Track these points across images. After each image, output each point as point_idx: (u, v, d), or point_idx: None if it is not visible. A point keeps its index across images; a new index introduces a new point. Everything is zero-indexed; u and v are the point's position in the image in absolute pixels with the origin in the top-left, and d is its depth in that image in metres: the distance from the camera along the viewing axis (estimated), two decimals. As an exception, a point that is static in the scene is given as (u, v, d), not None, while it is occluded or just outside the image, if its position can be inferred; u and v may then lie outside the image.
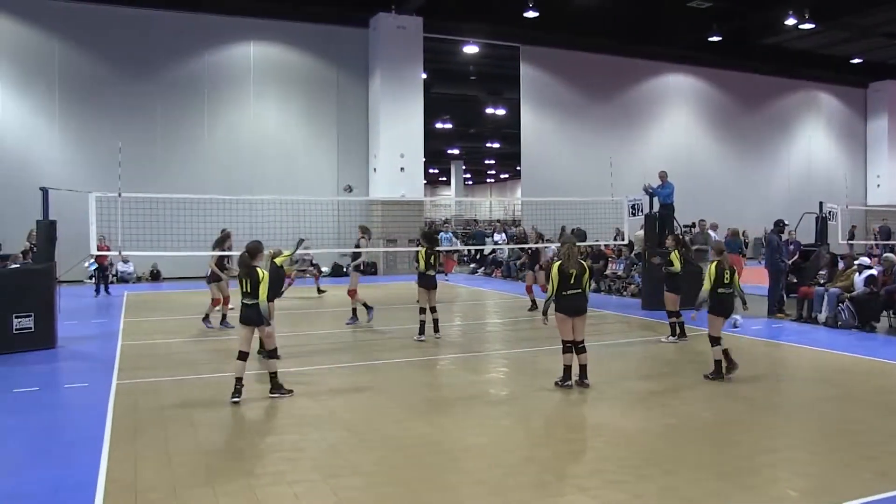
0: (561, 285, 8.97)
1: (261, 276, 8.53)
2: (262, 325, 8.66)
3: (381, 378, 9.88)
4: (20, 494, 5.69)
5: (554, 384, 9.22)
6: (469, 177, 75.65)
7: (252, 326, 8.61)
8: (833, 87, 38.15)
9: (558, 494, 5.62)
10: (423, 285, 12.76)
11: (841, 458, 6.48)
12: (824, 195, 25.08)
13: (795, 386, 9.82)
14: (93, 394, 8.85)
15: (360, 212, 25.30)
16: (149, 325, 14.77)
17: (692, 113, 34.97)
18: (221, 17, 25.53)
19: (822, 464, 6.39)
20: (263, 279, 8.52)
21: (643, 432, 7.24)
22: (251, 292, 8.53)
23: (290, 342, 12.32)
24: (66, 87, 23.93)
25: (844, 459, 6.43)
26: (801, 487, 5.82)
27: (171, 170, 24.57)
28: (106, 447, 6.79)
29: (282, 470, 6.17)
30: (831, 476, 6.07)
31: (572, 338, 9.07)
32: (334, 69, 27.28)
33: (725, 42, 29.62)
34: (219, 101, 25.93)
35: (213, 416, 7.90)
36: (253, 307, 8.53)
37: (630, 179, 26.78)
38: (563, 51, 31.08)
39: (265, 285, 8.54)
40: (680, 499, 5.50)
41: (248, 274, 8.56)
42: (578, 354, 9.13)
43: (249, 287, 8.54)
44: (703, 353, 11.67)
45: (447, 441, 7.03)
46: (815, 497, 5.61)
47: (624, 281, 20.49)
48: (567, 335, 9.06)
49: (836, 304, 13.79)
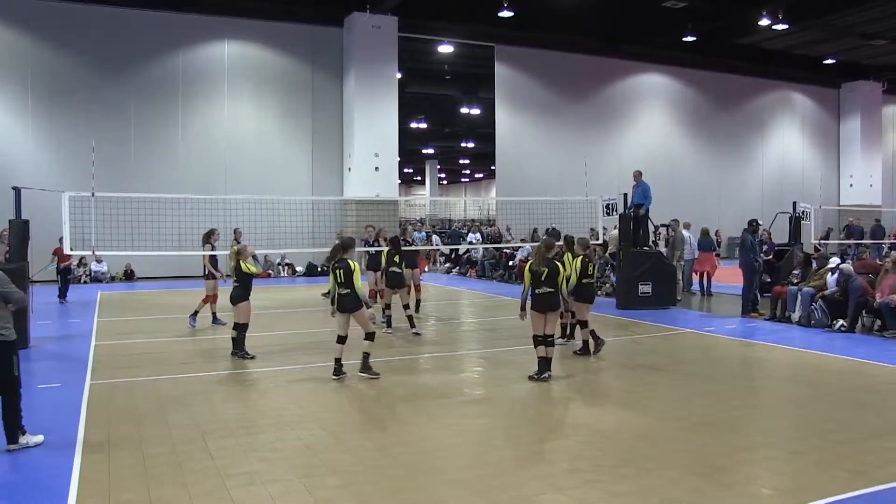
0: (533, 284, 9.52)
1: (353, 266, 9.48)
2: (362, 310, 9.57)
3: (358, 378, 9.82)
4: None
5: (528, 378, 9.38)
6: (444, 176, 75.71)
7: (348, 313, 9.53)
8: (807, 87, 38.52)
9: (535, 493, 5.60)
10: (389, 284, 13.40)
11: (816, 456, 6.52)
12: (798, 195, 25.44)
13: (770, 385, 9.89)
14: (66, 394, 8.74)
15: (335, 211, 25.23)
16: (122, 325, 14.60)
17: (667, 112, 35.18)
18: (196, 16, 25.34)
19: (797, 462, 6.42)
20: (355, 269, 9.49)
21: (620, 431, 7.26)
22: (345, 282, 9.44)
23: (267, 342, 12.24)
24: (39, 85, 23.60)
25: (819, 458, 6.47)
26: (777, 486, 5.86)
27: (145, 169, 24.34)
28: (79, 447, 6.71)
29: (257, 470, 6.11)
30: (807, 474, 6.10)
31: (543, 332, 9.50)
32: (309, 68, 27.16)
33: (700, 42, 29.81)
34: (193, 101, 25.70)
35: (188, 415, 7.81)
36: (348, 296, 9.46)
37: (605, 179, 27.04)
38: (539, 50, 31.17)
39: (357, 274, 9.56)
40: (658, 497, 5.51)
41: (341, 265, 9.49)
42: (547, 347, 9.49)
43: (343, 277, 9.45)
44: (681, 353, 11.78)
45: (424, 440, 7.01)
46: (790, 495, 5.63)
47: (599, 280, 20.53)
48: (539, 330, 9.51)
49: (810, 304, 13.92)
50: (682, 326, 14.17)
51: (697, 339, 12.97)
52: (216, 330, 13.80)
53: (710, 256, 19.87)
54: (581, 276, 11.07)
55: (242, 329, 10.89)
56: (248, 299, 10.93)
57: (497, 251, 25.62)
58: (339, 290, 9.54)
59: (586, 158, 22.80)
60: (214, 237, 14.57)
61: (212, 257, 14.42)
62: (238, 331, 10.92)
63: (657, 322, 14.69)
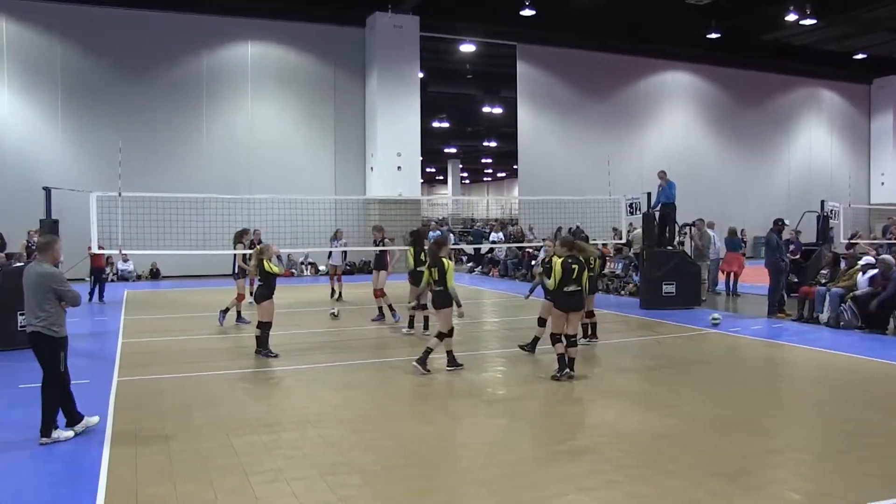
0: (563, 280, 9.28)
1: (446, 265, 9.84)
2: (450, 309, 9.75)
3: (381, 376, 9.86)
4: (23, 490, 5.70)
5: (551, 378, 9.32)
6: (466, 175, 75.62)
7: (447, 309, 9.75)
8: (835, 83, 37.95)
9: (558, 494, 5.59)
10: (414, 282, 13.07)
11: (845, 460, 6.37)
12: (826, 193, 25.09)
13: (797, 386, 9.78)
14: (95, 390, 8.85)
15: (357, 211, 25.32)
16: (149, 323, 14.77)
17: (691, 111, 34.93)
18: (219, 18, 25.59)
19: (825, 466, 6.27)
20: (449, 268, 9.83)
21: (642, 432, 7.22)
22: (439, 279, 9.77)
23: (290, 340, 12.30)
24: (68, 88, 23.99)
25: (849, 462, 6.32)
26: (805, 490, 5.72)
27: (170, 169, 24.59)
28: (107, 443, 6.82)
29: (280, 467, 6.15)
30: (836, 479, 5.96)
31: (564, 331, 9.41)
32: (331, 68, 27.28)
33: (724, 39, 29.52)
34: (217, 101, 25.95)
35: (212, 412, 7.88)
36: (442, 293, 9.78)
37: (628, 178, 26.87)
38: (561, 49, 31.08)
39: (451, 272, 9.92)
40: (680, 499, 5.47)
41: (436, 264, 9.83)
42: (569, 348, 9.39)
43: (437, 275, 9.78)
44: (705, 354, 11.69)
45: (446, 440, 7.02)
46: (820, 499, 5.52)
47: (622, 280, 20.47)
48: (559, 329, 9.42)
49: (839, 304, 13.72)
50: (706, 327, 14.05)
51: (722, 340, 12.84)
52: (240, 328, 13.91)
53: (737, 256, 19.69)
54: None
55: (266, 328, 11.00)
56: (271, 298, 11.03)
57: (520, 250, 25.57)
58: (434, 288, 9.87)
59: (609, 157, 22.67)
60: (247, 237, 14.89)
61: (245, 256, 14.62)
62: (262, 329, 11.01)
63: (681, 322, 14.57)
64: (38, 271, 7.06)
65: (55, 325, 7.03)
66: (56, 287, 7.01)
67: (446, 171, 66.37)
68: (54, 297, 7.01)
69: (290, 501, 5.45)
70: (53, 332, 7.01)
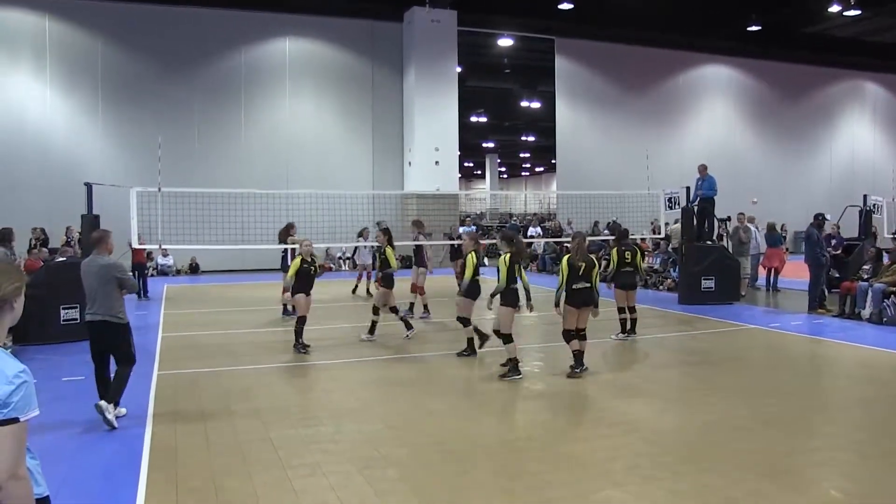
0: (570, 279, 9.44)
1: (594, 261, 9.75)
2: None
3: (417, 371, 9.89)
4: (71, 480, 5.79)
5: (567, 376, 9.34)
6: (504, 170, 75.36)
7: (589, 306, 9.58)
8: (879, 75, 37.20)
9: (594, 490, 5.56)
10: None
11: (891, 460, 6.24)
12: (868, 188, 24.58)
13: (840, 384, 9.60)
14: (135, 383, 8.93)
15: (395, 206, 25.41)
16: (188, 318, 14.97)
17: (731, 105, 34.48)
18: (257, 14, 25.80)
19: (869, 465, 6.16)
20: (595, 265, 9.69)
21: (680, 429, 7.16)
22: (583, 276, 9.51)
23: (328, 335, 12.39)
24: (108, 85, 24.39)
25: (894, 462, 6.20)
26: (848, 489, 5.62)
27: (209, 164, 24.89)
28: (148, 435, 6.93)
29: (317, 461, 6.20)
30: (881, 478, 5.84)
31: (576, 327, 9.54)
32: (369, 64, 27.39)
33: (765, 32, 29.07)
34: (255, 97, 26.19)
35: (250, 406, 7.97)
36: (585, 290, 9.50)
37: (666, 172, 26.61)
38: (599, 43, 30.87)
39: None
40: (718, 497, 5.40)
41: (585, 260, 9.62)
42: (581, 341, 9.55)
43: (583, 272, 9.52)
44: (744, 350, 11.54)
45: (483, 435, 7.01)
46: (864, 499, 5.42)
47: (660, 275, 20.28)
48: (572, 325, 9.53)
49: (882, 300, 13.48)
50: (746, 322, 13.87)
51: (762, 336, 12.67)
52: (286, 321, 13.91)
53: (778, 252, 19.36)
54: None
55: (301, 322, 11.15)
56: (306, 292, 11.10)
57: (557, 245, 25.44)
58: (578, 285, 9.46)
59: (647, 152, 22.45)
60: (294, 231, 15.03)
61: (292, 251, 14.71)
62: (297, 323, 11.16)
63: (720, 318, 14.40)
64: (101, 263, 7.39)
65: (120, 312, 7.39)
66: (118, 276, 7.36)
67: (484, 165, 66.27)
68: (117, 287, 7.34)
69: (329, 495, 5.49)
70: (119, 318, 7.36)
